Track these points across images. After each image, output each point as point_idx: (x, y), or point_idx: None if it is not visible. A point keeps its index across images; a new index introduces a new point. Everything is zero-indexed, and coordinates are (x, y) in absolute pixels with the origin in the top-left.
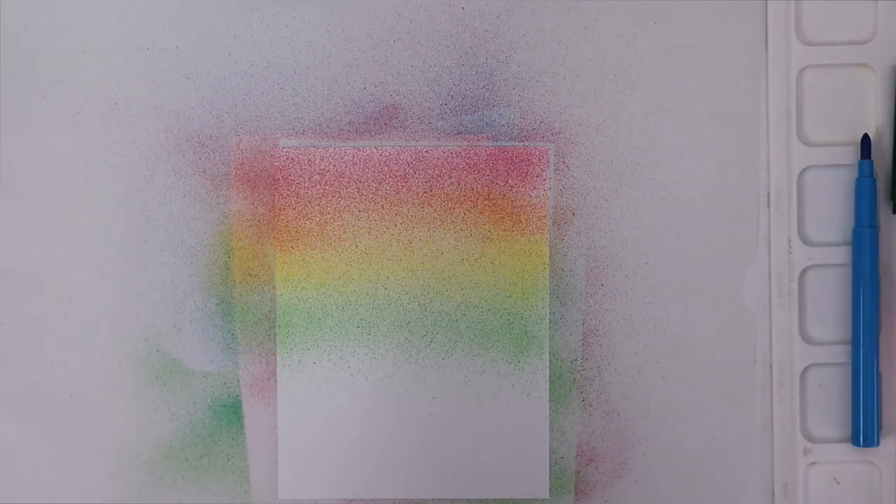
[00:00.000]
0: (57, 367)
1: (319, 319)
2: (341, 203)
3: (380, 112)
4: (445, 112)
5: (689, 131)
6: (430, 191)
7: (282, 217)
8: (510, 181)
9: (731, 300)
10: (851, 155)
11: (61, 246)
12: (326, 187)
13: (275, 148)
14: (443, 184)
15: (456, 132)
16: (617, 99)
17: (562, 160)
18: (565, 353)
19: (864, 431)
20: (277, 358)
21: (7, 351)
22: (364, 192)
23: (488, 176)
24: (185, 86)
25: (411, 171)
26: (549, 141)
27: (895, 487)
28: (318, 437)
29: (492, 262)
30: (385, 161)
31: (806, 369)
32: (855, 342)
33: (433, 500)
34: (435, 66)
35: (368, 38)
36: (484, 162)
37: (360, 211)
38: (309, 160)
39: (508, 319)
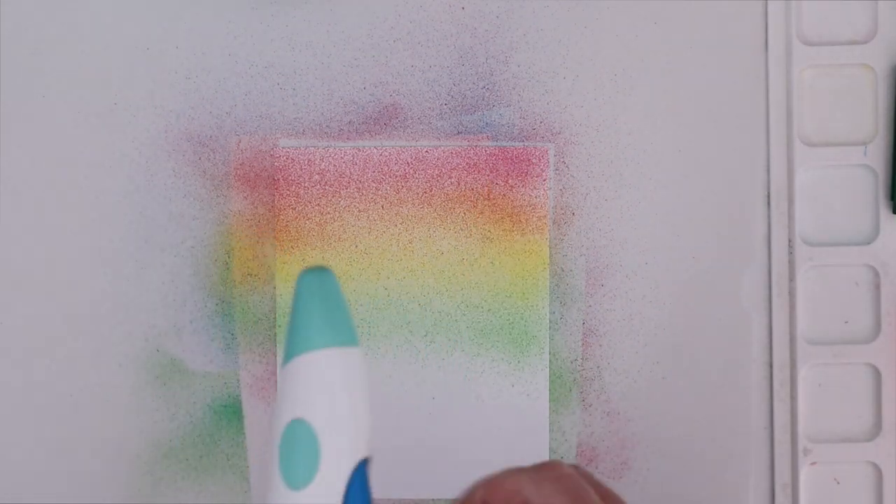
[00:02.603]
0: (57, 367)
1: None
2: (341, 203)
3: (380, 112)
4: (445, 112)
5: (689, 131)
6: (430, 191)
7: (282, 217)
8: (510, 181)
9: (731, 300)
10: (851, 155)
11: (61, 246)
12: (326, 187)
13: (275, 148)
14: (443, 184)
15: (456, 132)
16: (617, 99)
17: (562, 160)
18: (565, 353)
19: None
20: (277, 358)
21: (7, 351)
22: (364, 192)
23: (488, 176)
24: (185, 86)
25: (411, 171)
26: (549, 141)
27: (895, 487)
28: None
29: (492, 262)
30: (385, 161)
31: (806, 369)
32: None
33: (433, 500)
34: (435, 66)
35: (368, 38)
36: (484, 162)
37: (360, 211)
38: (309, 160)
39: (508, 319)
